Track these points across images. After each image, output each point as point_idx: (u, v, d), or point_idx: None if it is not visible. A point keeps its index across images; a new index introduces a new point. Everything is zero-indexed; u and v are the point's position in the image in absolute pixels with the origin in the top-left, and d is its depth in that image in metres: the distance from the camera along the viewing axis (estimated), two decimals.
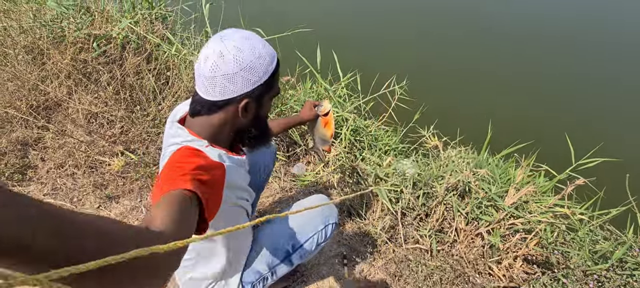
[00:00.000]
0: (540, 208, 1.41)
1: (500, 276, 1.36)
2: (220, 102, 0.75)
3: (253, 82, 0.74)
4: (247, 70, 0.72)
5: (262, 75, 0.75)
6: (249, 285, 1.06)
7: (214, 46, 0.72)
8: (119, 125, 1.80)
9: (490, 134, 1.77)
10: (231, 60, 0.71)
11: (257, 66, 0.73)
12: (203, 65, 0.73)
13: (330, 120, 1.23)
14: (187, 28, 2.40)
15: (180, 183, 0.57)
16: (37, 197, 1.59)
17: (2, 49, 1.98)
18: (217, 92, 0.74)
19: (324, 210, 1.11)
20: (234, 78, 0.72)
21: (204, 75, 0.73)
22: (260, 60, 0.74)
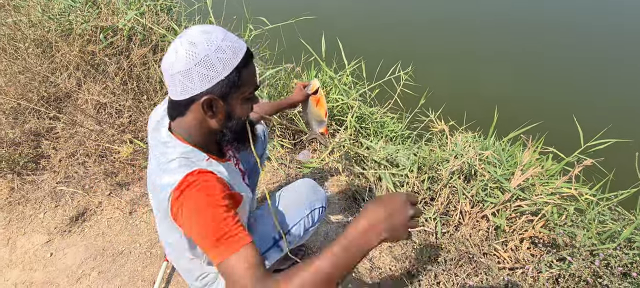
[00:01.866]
0: (547, 190, 1.40)
1: (506, 257, 1.35)
2: (183, 101, 0.72)
3: (211, 77, 0.69)
4: (203, 65, 0.68)
5: (221, 70, 0.69)
6: None
7: (173, 43, 0.70)
8: (127, 115, 1.84)
9: (496, 117, 1.76)
10: (183, 56, 0.67)
11: (215, 61, 0.68)
12: (165, 63, 0.71)
13: (321, 98, 1.22)
14: (191, 18, 2.42)
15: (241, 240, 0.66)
16: (51, 186, 1.64)
17: (13, 43, 2.03)
18: (179, 91, 0.71)
19: (309, 195, 1.08)
20: (189, 74, 0.68)
21: (167, 74, 0.71)
22: (219, 53, 0.68)
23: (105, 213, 1.60)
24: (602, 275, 1.10)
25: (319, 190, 1.13)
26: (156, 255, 1.46)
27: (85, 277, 1.38)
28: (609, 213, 1.38)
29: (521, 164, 1.43)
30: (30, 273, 1.38)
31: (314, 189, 1.12)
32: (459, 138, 1.77)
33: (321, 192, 1.14)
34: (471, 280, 1.27)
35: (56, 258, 1.43)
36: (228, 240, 0.65)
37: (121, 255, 1.45)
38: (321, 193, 1.13)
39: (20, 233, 1.51)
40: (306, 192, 1.09)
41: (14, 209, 1.58)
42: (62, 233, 1.51)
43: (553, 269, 1.20)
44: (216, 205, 0.68)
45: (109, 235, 1.52)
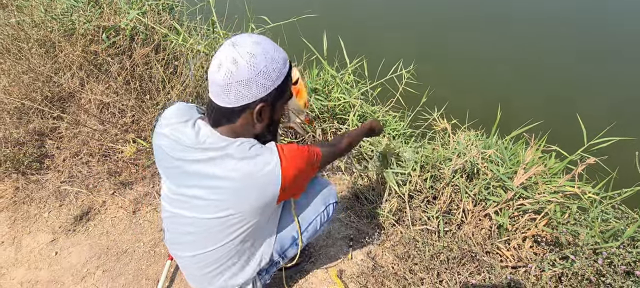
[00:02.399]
0: (550, 188, 1.40)
1: (509, 256, 1.35)
2: (237, 109, 0.76)
3: (267, 86, 0.75)
4: (261, 76, 0.73)
5: (275, 79, 0.75)
6: (264, 272, 1.10)
7: (227, 53, 0.72)
8: (130, 114, 1.84)
9: (499, 115, 1.75)
10: (245, 66, 0.71)
11: (271, 71, 0.74)
12: (217, 72, 0.73)
13: (301, 89, 1.20)
14: (193, 18, 2.42)
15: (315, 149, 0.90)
16: (55, 185, 1.65)
17: (16, 43, 2.04)
18: (233, 99, 0.74)
19: (323, 192, 1.14)
20: (248, 84, 0.73)
21: (217, 83, 0.74)
22: (274, 64, 0.74)
23: (109, 213, 1.61)
24: (605, 273, 1.10)
25: (331, 186, 1.18)
26: (160, 254, 1.47)
27: (89, 276, 1.39)
28: (612, 212, 1.38)
29: (524, 163, 1.43)
30: (35, 272, 1.39)
31: (327, 185, 1.17)
32: (461, 136, 1.77)
33: (333, 188, 1.19)
34: (474, 279, 1.27)
35: (61, 257, 1.45)
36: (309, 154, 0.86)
37: (125, 254, 1.47)
38: (333, 189, 1.18)
39: (25, 232, 1.52)
40: (319, 189, 1.14)
41: (19, 208, 1.59)
42: (66, 232, 1.52)
43: (556, 268, 1.19)
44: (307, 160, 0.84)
45: (113, 234, 1.53)
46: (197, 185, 0.82)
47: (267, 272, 1.11)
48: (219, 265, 0.97)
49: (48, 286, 1.35)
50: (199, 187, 0.82)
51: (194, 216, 0.87)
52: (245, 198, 0.80)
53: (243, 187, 0.79)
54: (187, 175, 0.83)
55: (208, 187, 0.81)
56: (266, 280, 1.12)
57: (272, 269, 1.13)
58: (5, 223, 1.55)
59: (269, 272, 1.12)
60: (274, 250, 1.07)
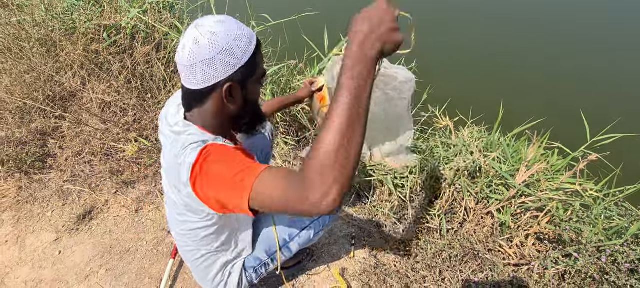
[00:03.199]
0: (553, 186, 1.39)
1: (511, 254, 1.35)
2: (205, 90, 0.74)
3: (233, 64, 0.72)
4: (225, 53, 0.71)
5: (241, 56, 0.73)
6: (251, 270, 1.09)
7: (190, 34, 0.71)
8: (132, 113, 1.85)
9: (501, 113, 1.74)
10: (206, 44, 0.70)
11: (235, 48, 0.72)
12: (181, 53, 0.72)
13: (325, 96, 1.21)
14: (194, 16, 2.42)
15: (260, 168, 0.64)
16: (58, 185, 1.66)
17: (17, 43, 2.04)
18: (200, 80, 0.73)
19: None
20: (212, 62, 0.71)
21: (183, 64, 0.72)
22: (237, 41, 0.72)
23: (111, 212, 1.61)
24: (609, 271, 1.10)
25: None
26: (163, 253, 1.48)
27: (93, 275, 1.40)
28: (615, 209, 1.37)
29: (526, 160, 1.42)
30: (39, 271, 1.40)
31: None
32: (464, 133, 1.76)
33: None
34: (476, 277, 1.27)
35: (64, 256, 1.45)
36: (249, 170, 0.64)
37: (128, 253, 1.47)
38: None
39: (29, 231, 1.53)
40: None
41: (22, 208, 1.60)
42: (70, 231, 1.53)
43: (559, 266, 1.19)
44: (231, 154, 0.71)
45: (116, 233, 1.54)
46: (164, 157, 0.87)
47: (255, 271, 1.09)
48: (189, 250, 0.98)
49: (52, 285, 1.36)
50: (164, 159, 0.87)
51: (168, 195, 0.91)
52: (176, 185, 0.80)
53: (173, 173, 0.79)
54: (164, 146, 0.87)
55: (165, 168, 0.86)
56: (253, 278, 1.10)
57: (261, 269, 1.11)
58: (9, 223, 1.55)
59: (258, 271, 1.10)
60: (258, 248, 1.06)
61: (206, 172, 0.70)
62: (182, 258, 1.31)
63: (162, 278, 1.34)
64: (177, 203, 0.84)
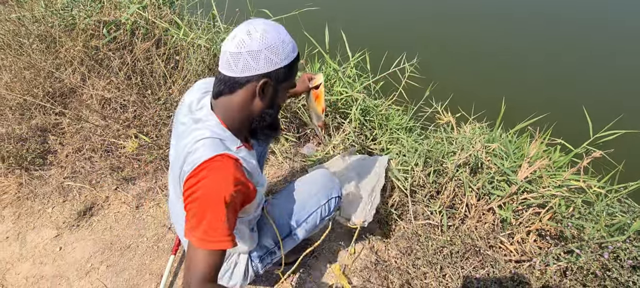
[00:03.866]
0: (555, 182, 1.38)
1: (513, 250, 1.35)
2: (241, 79, 0.78)
3: (274, 62, 0.77)
4: (271, 50, 0.76)
5: (283, 58, 0.78)
6: (257, 259, 1.09)
7: (243, 27, 0.77)
8: (132, 110, 1.84)
9: (503, 108, 1.73)
10: (257, 38, 0.75)
11: (280, 49, 0.77)
12: (230, 42, 0.77)
13: (320, 94, 1.21)
14: (194, 12, 2.40)
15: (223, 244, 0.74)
16: (58, 181, 1.66)
17: (17, 39, 2.03)
18: (240, 68, 0.77)
19: (327, 185, 1.13)
20: (257, 55, 0.75)
21: (229, 51, 0.77)
22: (284, 45, 0.78)
23: (112, 208, 1.61)
24: (611, 268, 1.09)
25: (335, 180, 1.17)
26: (163, 249, 1.48)
27: (94, 271, 1.40)
28: (618, 206, 1.36)
29: (528, 156, 1.41)
30: (40, 267, 1.40)
31: (330, 179, 1.15)
32: (467, 129, 1.75)
33: (336, 182, 1.17)
34: (477, 273, 1.26)
35: (65, 252, 1.45)
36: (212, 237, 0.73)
37: (129, 249, 1.47)
38: (336, 183, 1.17)
39: (29, 228, 1.53)
40: (323, 182, 1.13)
41: (23, 204, 1.60)
42: (70, 227, 1.53)
43: (561, 262, 1.19)
44: (222, 202, 0.72)
45: (117, 230, 1.54)
46: (175, 147, 0.87)
47: (261, 260, 1.10)
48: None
49: (53, 281, 1.36)
50: (174, 149, 0.87)
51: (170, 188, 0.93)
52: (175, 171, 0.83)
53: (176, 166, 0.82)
54: (176, 137, 0.88)
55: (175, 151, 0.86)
56: (259, 268, 1.11)
57: (267, 259, 1.12)
58: (10, 219, 1.56)
59: (263, 261, 1.11)
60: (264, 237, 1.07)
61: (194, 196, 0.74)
62: (184, 252, 1.31)
63: (163, 274, 1.34)
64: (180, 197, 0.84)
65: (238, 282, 1.08)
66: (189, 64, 1.96)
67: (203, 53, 1.97)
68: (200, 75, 1.94)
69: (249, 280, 1.11)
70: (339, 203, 1.17)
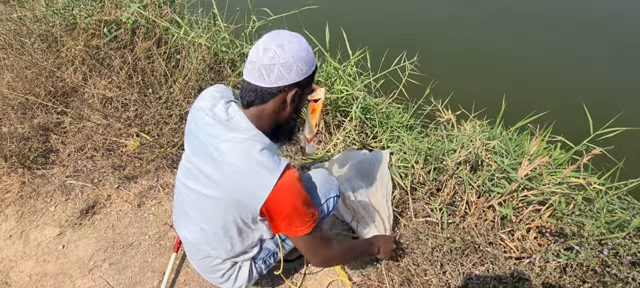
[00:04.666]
0: (555, 179, 1.39)
1: (513, 247, 1.35)
2: (273, 90, 0.83)
3: (304, 72, 0.83)
4: (301, 61, 0.82)
5: (310, 67, 0.85)
6: (260, 261, 1.10)
7: (273, 40, 0.82)
8: (133, 109, 1.85)
9: (504, 106, 1.73)
10: (288, 50, 0.81)
11: (307, 60, 0.83)
12: (262, 55, 0.81)
13: (317, 108, 1.18)
14: (194, 11, 2.40)
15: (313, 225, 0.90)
16: (60, 180, 1.67)
17: (18, 39, 2.04)
18: (273, 79, 0.82)
19: (323, 185, 1.14)
20: (290, 67, 0.81)
21: (262, 63, 0.81)
22: (309, 55, 0.84)
23: (114, 206, 1.62)
24: (610, 264, 1.10)
25: (332, 180, 1.17)
26: (165, 247, 1.49)
27: (96, 269, 1.41)
28: (618, 203, 1.36)
29: (528, 154, 1.42)
30: (43, 265, 1.41)
31: (328, 179, 1.16)
32: (467, 126, 1.75)
33: (334, 181, 1.17)
34: (477, 270, 1.27)
35: (68, 250, 1.47)
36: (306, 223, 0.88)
37: (131, 247, 1.48)
38: (334, 182, 1.17)
39: (32, 226, 1.54)
40: (320, 182, 1.14)
41: (26, 203, 1.61)
42: (73, 225, 1.54)
43: (560, 259, 1.19)
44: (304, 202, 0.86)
45: (119, 228, 1.55)
46: (208, 158, 0.87)
47: (264, 261, 1.11)
48: (209, 248, 1.01)
49: (56, 279, 1.38)
50: (208, 160, 0.87)
51: (196, 189, 0.92)
52: (232, 193, 0.85)
53: (235, 180, 0.83)
54: (204, 147, 0.88)
55: (213, 163, 0.86)
56: (262, 269, 1.13)
57: (270, 260, 1.13)
58: (13, 218, 1.57)
59: (267, 262, 1.12)
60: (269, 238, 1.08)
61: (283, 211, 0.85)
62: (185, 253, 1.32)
63: (165, 272, 1.35)
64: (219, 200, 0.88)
65: (243, 283, 1.09)
66: (189, 62, 1.96)
67: (204, 52, 1.98)
68: (201, 73, 1.95)
69: (253, 281, 1.12)
70: (337, 202, 1.17)
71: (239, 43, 2.17)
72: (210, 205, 0.91)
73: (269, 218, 0.87)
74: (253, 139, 0.84)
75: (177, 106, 1.84)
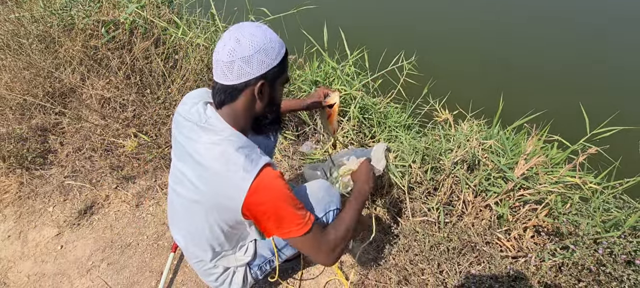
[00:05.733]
0: (551, 179, 1.39)
1: (509, 246, 1.36)
2: (239, 85, 0.81)
3: (267, 63, 0.80)
4: (261, 52, 0.79)
5: (274, 57, 0.81)
6: (256, 267, 1.10)
7: (230, 35, 0.79)
8: (131, 109, 1.85)
9: (501, 106, 1.74)
10: (247, 44, 0.78)
11: (270, 49, 0.80)
12: (221, 51, 0.79)
13: (333, 114, 1.22)
14: (193, 11, 2.41)
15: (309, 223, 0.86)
16: (59, 180, 1.67)
17: (16, 39, 2.04)
18: (235, 75, 0.79)
19: (324, 197, 1.08)
20: (250, 60, 0.78)
21: (222, 61, 0.79)
22: (272, 44, 0.80)
23: (112, 207, 1.63)
24: (605, 263, 1.10)
25: (333, 192, 1.12)
26: (163, 247, 1.49)
27: (95, 268, 1.41)
28: (613, 202, 1.37)
29: (525, 153, 1.42)
30: (41, 265, 1.42)
31: (328, 191, 1.10)
32: (464, 126, 1.76)
33: (335, 193, 1.12)
34: (474, 269, 1.28)
35: (66, 250, 1.47)
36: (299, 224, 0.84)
37: (129, 247, 1.49)
38: (335, 195, 1.12)
39: (30, 226, 1.55)
40: (321, 194, 1.08)
41: (24, 203, 1.62)
42: (71, 226, 1.54)
43: (556, 257, 1.20)
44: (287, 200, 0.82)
45: (117, 228, 1.55)
46: (189, 162, 0.87)
47: (260, 268, 1.11)
48: (199, 251, 1.01)
49: (54, 279, 1.38)
50: (189, 164, 0.87)
51: (182, 194, 0.93)
52: (213, 197, 0.85)
53: (213, 182, 0.83)
54: (185, 151, 0.88)
55: (194, 167, 0.86)
56: (258, 275, 1.12)
57: (266, 266, 1.12)
58: (11, 218, 1.57)
59: (262, 268, 1.12)
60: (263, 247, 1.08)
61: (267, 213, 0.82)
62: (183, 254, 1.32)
63: (163, 272, 1.35)
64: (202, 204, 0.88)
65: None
66: (187, 63, 1.96)
67: (202, 52, 1.98)
68: (198, 74, 1.95)
69: (248, 287, 1.12)
70: (337, 215, 1.12)
71: None
72: (195, 209, 0.91)
73: (255, 221, 0.86)
74: (229, 139, 0.82)
75: (175, 106, 1.84)
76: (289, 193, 0.83)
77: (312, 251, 0.89)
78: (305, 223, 0.85)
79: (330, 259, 0.90)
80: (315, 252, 0.89)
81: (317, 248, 0.88)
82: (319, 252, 0.89)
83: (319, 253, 0.89)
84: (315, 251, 0.89)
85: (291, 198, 0.83)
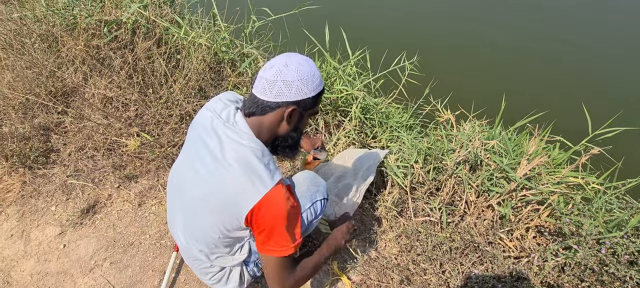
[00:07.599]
0: (554, 179, 1.39)
1: (512, 246, 1.36)
2: (272, 104, 0.87)
3: (304, 93, 0.87)
4: (303, 82, 0.86)
5: (312, 90, 0.88)
6: (252, 264, 1.11)
7: (281, 59, 0.87)
8: (134, 108, 1.85)
9: (504, 105, 1.74)
10: (293, 70, 0.85)
11: (310, 82, 0.87)
12: (268, 70, 0.86)
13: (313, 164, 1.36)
14: (194, 11, 2.41)
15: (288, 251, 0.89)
16: (61, 179, 1.67)
17: (19, 38, 2.04)
18: (274, 94, 0.86)
19: (310, 188, 1.14)
20: (291, 85, 0.85)
21: (266, 78, 0.86)
22: (314, 78, 0.88)
23: (115, 206, 1.63)
24: (608, 263, 1.10)
25: (320, 182, 1.17)
26: (165, 246, 1.49)
27: (97, 268, 1.42)
28: (616, 202, 1.37)
29: (527, 153, 1.42)
30: (44, 264, 1.42)
31: (314, 181, 1.16)
32: (466, 126, 1.76)
33: (322, 183, 1.16)
34: (476, 269, 1.28)
35: (69, 249, 1.47)
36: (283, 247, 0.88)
37: (132, 246, 1.49)
38: (322, 185, 1.16)
39: (33, 225, 1.55)
40: (307, 185, 1.14)
41: (27, 202, 1.62)
42: (74, 225, 1.55)
43: (559, 258, 1.20)
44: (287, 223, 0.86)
45: (120, 227, 1.55)
46: (206, 158, 0.89)
47: (256, 264, 1.11)
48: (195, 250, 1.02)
49: (57, 278, 1.38)
50: (205, 159, 0.90)
51: (186, 190, 0.95)
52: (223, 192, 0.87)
53: (228, 181, 0.85)
54: (204, 144, 0.91)
55: (210, 162, 0.88)
56: (255, 272, 1.13)
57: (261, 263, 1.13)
58: (14, 217, 1.57)
59: (258, 265, 1.12)
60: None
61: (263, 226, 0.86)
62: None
63: (166, 271, 1.35)
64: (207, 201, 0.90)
65: (234, 286, 1.10)
66: (189, 62, 1.97)
67: (204, 52, 1.98)
68: (201, 73, 1.96)
69: (246, 284, 1.13)
70: (325, 205, 1.17)
71: (239, 43, 2.18)
72: (196, 206, 0.93)
73: (251, 228, 0.90)
74: (253, 145, 0.87)
75: (177, 106, 1.85)
76: (289, 217, 0.86)
77: (273, 276, 0.91)
78: (288, 248, 0.88)
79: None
80: (274, 279, 0.92)
81: (279, 276, 0.91)
82: (278, 280, 0.92)
83: (275, 282, 0.92)
84: (275, 277, 0.91)
85: (290, 223, 0.87)
